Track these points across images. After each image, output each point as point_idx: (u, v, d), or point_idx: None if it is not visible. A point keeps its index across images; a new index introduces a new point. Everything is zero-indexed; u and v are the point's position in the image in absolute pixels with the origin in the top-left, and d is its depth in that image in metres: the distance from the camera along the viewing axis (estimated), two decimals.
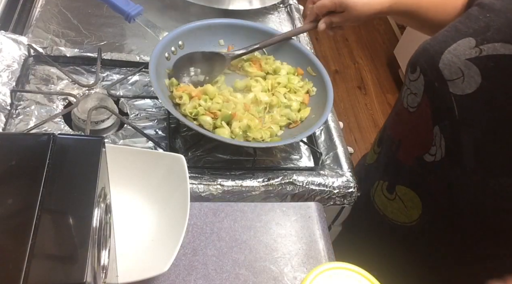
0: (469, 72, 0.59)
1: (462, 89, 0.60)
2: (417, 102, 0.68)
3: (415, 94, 0.68)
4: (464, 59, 0.60)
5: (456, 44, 0.62)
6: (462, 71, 0.60)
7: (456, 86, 0.60)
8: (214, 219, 0.71)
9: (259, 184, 0.76)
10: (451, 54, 0.62)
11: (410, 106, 0.70)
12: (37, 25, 0.93)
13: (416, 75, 0.67)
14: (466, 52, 0.60)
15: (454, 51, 0.61)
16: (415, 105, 0.68)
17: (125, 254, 0.60)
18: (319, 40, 2.87)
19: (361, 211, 0.83)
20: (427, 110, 0.66)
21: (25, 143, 0.38)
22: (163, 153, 0.72)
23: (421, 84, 0.66)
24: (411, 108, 0.70)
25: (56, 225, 0.34)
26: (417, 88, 0.67)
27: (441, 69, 0.62)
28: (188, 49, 0.86)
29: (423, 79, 0.66)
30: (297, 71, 0.89)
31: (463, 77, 0.60)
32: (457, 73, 0.60)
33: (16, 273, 0.30)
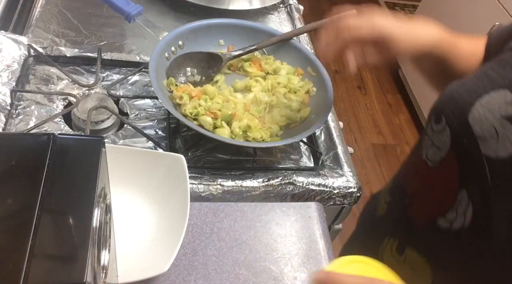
0: (505, 133, 0.51)
1: (495, 151, 0.51)
2: (440, 157, 0.59)
3: (438, 148, 0.59)
4: (499, 116, 0.51)
5: (488, 96, 0.53)
6: (496, 130, 0.51)
7: (489, 147, 0.52)
8: (214, 219, 0.71)
9: (259, 184, 0.76)
10: (483, 108, 0.53)
11: (429, 159, 0.61)
12: (37, 25, 0.93)
13: (441, 127, 0.58)
14: (502, 108, 0.51)
15: (487, 104, 0.53)
16: (437, 160, 0.59)
17: (125, 254, 0.60)
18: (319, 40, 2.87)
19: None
20: (453, 170, 0.57)
21: (25, 143, 0.38)
22: (163, 153, 0.72)
23: (447, 138, 0.57)
24: (431, 162, 0.60)
25: (56, 225, 0.34)
26: (442, 141, 0.58)
27: (471, 124, 0.53)
28: (188, 49, 0.86)
29: (449, 133, 0.56)
30: (297, 71, 0.89)
31: (497, 137, 0.51)
32: (490, 131, 0.51)
33: (16, 273, 0.30)
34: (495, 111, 0.52)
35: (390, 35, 0.63)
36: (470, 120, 0.53)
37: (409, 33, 0.64)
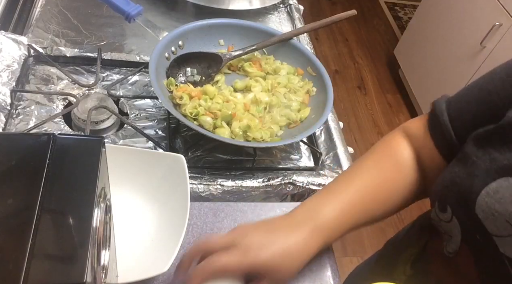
0: None
1: None
2: (453, 249, 0.52)
3: (450, 237, 0.52)
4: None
5: (495, 184, 0.45)
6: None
7: (508, 246, 0.44)
8: (214, 219, 0.71)
9: (259, 184, 0.76)
10: (491, 198, 0.45)
11: (446, 249, 0.54)
12: (37, 25, 0.93)
13: (448, 217, 0.51)
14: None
15: (495, 195, 0.45)
16: (452, 251, 0.53)
17: (125, 254, 0.60)
18: (319, 40, 2.87)
19: None
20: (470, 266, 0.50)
21: (25, 143, 0.38)
22: (163, 153, 0.72)
23: (457, 230, 0.50)
24: (448, 252, 0.54)
25: (56, 225, 0.34)
26: (452, 232, 0.51)
27: (481, 219, 0.46)
28: (188, 49, 0.86)
29: (458, 225, 0.49)
30: (297, 71, 0.89)
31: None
32: (505, 228, 0.44)
33: (16, 273, 0.30)
34: (506, 204, 0.44)
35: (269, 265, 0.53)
36: (478, 213, 0.46)
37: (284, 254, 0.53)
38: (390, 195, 0.61)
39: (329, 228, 0.57)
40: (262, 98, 0.82)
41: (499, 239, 0.44)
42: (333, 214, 0.57)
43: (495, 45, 1.88)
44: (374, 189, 0.60)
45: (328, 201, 0.58)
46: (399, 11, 3.25)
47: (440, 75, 2.22)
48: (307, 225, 0.56)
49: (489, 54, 1.91)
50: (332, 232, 0.57)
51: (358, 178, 0.61)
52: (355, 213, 0.58)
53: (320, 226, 0.56)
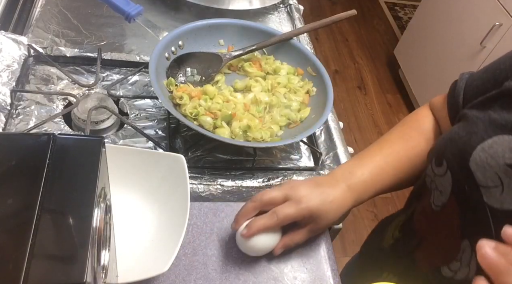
0: (510, 183, 0.47)
1: (500, 203, 0.48)
2: (442, 201, 0.56)
3: (440, 192, 0.57)
4: (503, 164, 0.47)
5: (491, 140, 0.49)
6: (500, 179, 0.47)
7: (493, 197, 0.48)
8: (214, 219, 0.71)
9: (259, 184, 0.76)
10: (485, 153, 0.49)
11: (434, 203, 0.59)
12: (37, 25, 0.93)
13: (442, 171, 0.55)
14: (506, 155, 0.48)
15: (489, 149, 0.49)
16: (439, 204, 0.57)
17: (125, 254, 0.60)
18: (319, 40, 2.87)
19: None
20: (455, 217, 0.54)
21: (25, 143, 0.38)
22: (163, 153, 0.72)
23: (448, 182, 0.54)
24: (435, 206, 0.59)
25: (56, 225, 0.34)
26: (443, 185, 0.56)
27: (472, 170, 0.50)
28: (188, 49, 0.86)
29: (450, 177, 0.54)
30: (297, 71, 0.89)
31: (502, 186, 0.47)
32: (493, 180, 0.48)
33: (16, 273, 0.30)
34: (498, 158, 0.48)
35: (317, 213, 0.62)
36: (471, 165, 0.50)
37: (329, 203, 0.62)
38: (416, 160, 0.67)
39: (360, 189, 0.65)
40: (262, 98, 0.82)
41: (485, 190, 0.49)
42: (363, 177, 0.65)
43: (495, 45, 1.88)
44: (401, 156, 0.67)
45: (360, 165, 0.66)
46: (399, 11, 3.25)
47: (440, 75, 2.22)
48: (344, 183, 0.64)
49: (489, 54, 1.91)
50: (362, 193, 0.65)
51: (387, 146, 0.69)
52: (384, 177, 0.66)
53: (353, 187, 0.64)
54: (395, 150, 0.68)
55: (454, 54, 2.14)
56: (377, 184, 0.66)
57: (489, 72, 0.59)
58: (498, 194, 0.48)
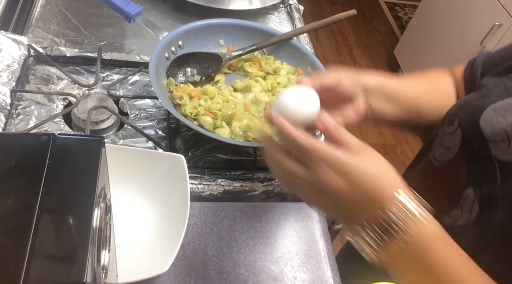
0: None
1: (507, 155, 0.51)
2: (448, 157, 0.59)
3: (446, 148, 0.60)
4: (511, 121, 0.51)
5: (502, 102, 0.53)
6: (507, 134, 0.51)
7: (500, 150, 0.52)
8: (214, 219, 0.71)
9: (259, 184, 0.76)
10: (495, 112, 0.53)
11: (436, 159, 0.62)
12: (37, 25, 0.93)
13: (453, 128, 0.59)
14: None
15: (499, 109, 0.53)
16: (445, 160, 0.60)
17: (125, 254, 0.60)
18: (319, 40, 2.87)
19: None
20: (461, 170, 0.57)
21: (25, 143, 0.38)
22: (163, 153, 0.72)
23: (458, 139, 0.58)
24: (438, 162, 0.62)
25: (56, 225, 0.34)
26: (452, 142, 0.59)
27: (481, 127, 0.54)
28: (188, 49, 0.86)
29: (460, 134, 0.57)
30: (297, 71, 0.89)
31: (508, 141, 0.51)
32: (501, 135, 0.52)
33: (16, 273, 0.30)
34: (508, 116, 0.51)
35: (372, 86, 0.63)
36: (481, 123, 0.53)
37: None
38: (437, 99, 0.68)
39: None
40: (262, 98, 0.82)
41: (493, 144, 0.52)
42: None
43: (495, 45, 1.88)
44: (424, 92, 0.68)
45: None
46: (399, 11, 3.25)
47: None
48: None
49: None
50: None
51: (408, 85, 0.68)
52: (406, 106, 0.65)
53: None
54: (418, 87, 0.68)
55: (454, 54, 2.14)
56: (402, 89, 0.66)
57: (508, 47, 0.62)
58: (505, 147, 0.51)
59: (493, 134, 0.52)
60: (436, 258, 0.44)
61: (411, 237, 0.44)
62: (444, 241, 0.46)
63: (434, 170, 0.62)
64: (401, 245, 0.44)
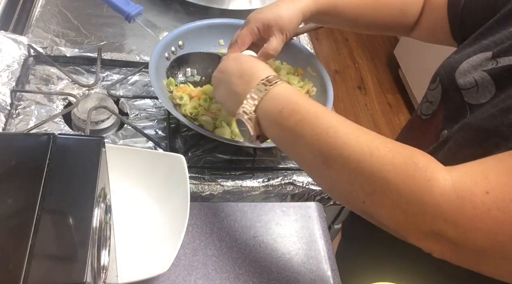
0: (483, 82, 0.59)
1: (476, 99, 0.59)
2: (432, 110, 0.68)
3: (430, 102, 0.69)
4: (480, 70, 0.59)
5: (476, 57, 0.61)
6: (476, 81, 0.60)
7: (471, 96, 0.60)
8: (214, 219, 0.71)
9: (259, 184, 0.76)
10: (468, 64, 0.61)
11: (423, 113, 0.70)
12: (37, 25, 0.93)
13: (435, 85, 0.67)
14: (483, 64, 0.60)
15: (471, 62, 0.61)
16: (429, 113, 0.69)
17: (125, 254, 0.60)
18: (319, 40, 2.87)
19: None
20: (440, 117, 0.66)
21: (25, 143, 0.38)
22: (163, 153, 0.72)
23: (439, 93, 0.66)
24: (424, 115, 0.70)
25: (56, 225, 0.34)
26: (434, 96, 0.67)
27: (456, 78, 0.62)
28: (188, 49, 0.86)
29: (440, 88, 0.66)
30: (297, 71, 0.89)
31: (477, 86, 0.59)
32: (471, 83, 0.60)
33: (16, 273, 0.30)
34: (477, 66, 0.60)
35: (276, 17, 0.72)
36: (456, 75, 0.62)
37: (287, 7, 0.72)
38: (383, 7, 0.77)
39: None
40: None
41: (464, 91, 0.61)
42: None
43: None
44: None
45: None
46: None
47: None
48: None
49: None
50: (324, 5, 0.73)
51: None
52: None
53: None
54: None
55: None
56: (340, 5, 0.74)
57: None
58: (474, 93, 0.59)
59: (465, 83, 0.61)
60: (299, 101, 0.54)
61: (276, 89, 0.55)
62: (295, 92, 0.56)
63: (420, 123, 0.70)
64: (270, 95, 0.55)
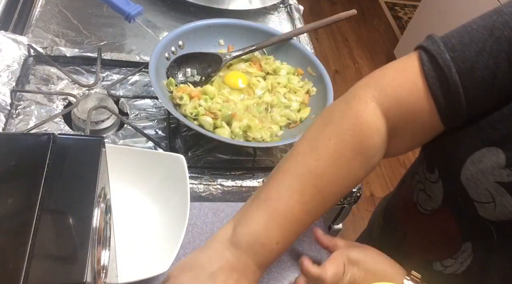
0: (502, 201, 0.46)
1: (496, 216, 0.47)
2: (432, 207, 0.56)
3: (429, 197, 0.56)
4: (493, 181, 0.46)
5: (480, 153, 0.47)
6: (492, 196, 0.47)
7: (487, 212, 0.48)
8: (214, 219, 0.71)
9: (259, 184, 0.76)
10: (475, 167, 0.47)
11: (420, 205, 0.58)
12: (37, 25, 0.93)
13: (435, 178, 0.54)
14: (495, 172, 0.46)
15: (478, 163, 0.47)
16: (429, 209, 0.57)
17: (125, 254, 0.60)
18: (319, 40, 2.87)
19: None
20: (450, 223, 0.54)
21: (25, 143, 0.38)
22: (163, 153, 0.72)
23: (440, 191, 0.53)
24: (422, 209, 0.58)
25: (56, 225, 0.34)
26: (434, 192, 0.54)
27: (464, 185, 0.49)
28: (188, 49, 0.86)
29: (442, 187, 0.53)
30: (297, 71, 0.89)
31: (494, 203, 0.47)
32: (486, 196, 0.47)
33: (16, 273, 0.30)
34: (488, 174, 0.46)
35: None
36: (462, 180, 0.48)
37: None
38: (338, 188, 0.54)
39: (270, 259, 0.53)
40: (264, 98, 0.82)
41: (479, 205, 0.48)
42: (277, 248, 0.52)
43: None
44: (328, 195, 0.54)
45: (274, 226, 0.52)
46: (399, 11, 3.25)
47: None
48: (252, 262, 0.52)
49: None
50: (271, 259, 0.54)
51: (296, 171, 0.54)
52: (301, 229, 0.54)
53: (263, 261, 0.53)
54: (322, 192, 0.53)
55: None
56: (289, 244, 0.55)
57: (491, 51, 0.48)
58: (491, 209, 0.47)
59: (478, 195, 0.48)
60: None
61: None
62: None
63: (419, 215, 0.58)
64: None
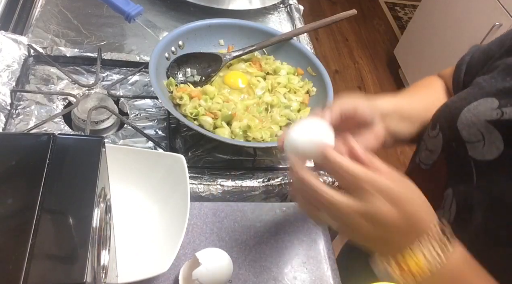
0: (490, 137, 0.52)
1: (482, 154, 0.53)
2: (432, 160, 0.61)
3: (430, 151, 0.62)
4: (484, 120, 0.53)
5: (476, 102, 0.55)
6: (482, 134, 0.53)
7: (476, 150, 0.53)
8: (214, 219, 0.71)
9: (259, 184, 0.76)
10: (470, 112, 0.55)
11: (422, 162, 0.64)
12: (37, 25, 0.93)
13: (436, 133, 0.60)
14: (487, 113, 0.53)
15: (474, 109, 0.55)
16: (429, 163, 0.62)
17: (125, 254, 0.60)
18: (319, 40, 2.87)
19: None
20: (442, 171, 0.59)
21: (25, 143, 0.38)
22: (163, 153, 0.72)
23: (439, 142, 0.59)
24: (424, 165, 0.63)
25: (56, 225, 0.34)
26: (435, 145, 0.61)
27: (459, 129, 0.55)
28: (188, 49, 0.86)
29: (441, 138, 0.59)
30: (297, 71, 0.89)
31: (483, 141, 0.53)
32: (476, 135, 0.53)
33: (16, 273, 0.30)
34: (481, 115, 0.53)
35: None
36: (458, 125, 0.55)
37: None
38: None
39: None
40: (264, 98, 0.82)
41: (469, 145, 0.54)
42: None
43: None
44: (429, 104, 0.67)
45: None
46: (399, 11, 3.25)
47: None
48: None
49: None
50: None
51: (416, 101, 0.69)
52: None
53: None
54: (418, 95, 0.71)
55: (454, 54, 2.13)
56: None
57: (492, 44, 0.63)
58: (480, 147, 0.53)
59: (469, 135, 0.54)
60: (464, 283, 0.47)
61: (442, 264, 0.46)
62: (469, 266, 0.47)
63: (420, 172, 0.63)
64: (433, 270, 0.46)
